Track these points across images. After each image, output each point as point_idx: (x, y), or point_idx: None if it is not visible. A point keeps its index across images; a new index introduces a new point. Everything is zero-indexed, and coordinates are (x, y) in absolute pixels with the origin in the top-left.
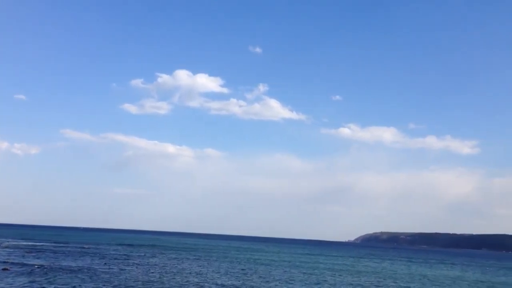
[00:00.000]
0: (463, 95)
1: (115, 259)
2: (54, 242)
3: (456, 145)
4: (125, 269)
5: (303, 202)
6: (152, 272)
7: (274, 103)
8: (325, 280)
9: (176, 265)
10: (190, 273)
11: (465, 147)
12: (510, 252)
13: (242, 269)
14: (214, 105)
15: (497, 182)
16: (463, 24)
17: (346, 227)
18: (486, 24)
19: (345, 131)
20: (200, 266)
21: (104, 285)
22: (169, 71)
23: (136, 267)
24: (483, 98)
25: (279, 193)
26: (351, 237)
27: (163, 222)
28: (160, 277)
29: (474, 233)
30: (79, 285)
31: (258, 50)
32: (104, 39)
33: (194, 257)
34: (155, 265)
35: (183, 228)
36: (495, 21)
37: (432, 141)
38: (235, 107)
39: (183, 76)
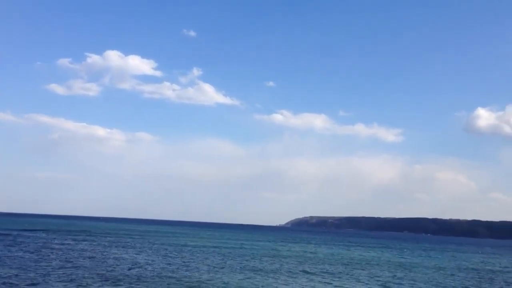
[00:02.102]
0: (389, 86)
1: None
2: None
3: (382, 133)
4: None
5: (236, 187)
6: (53, 258)
7: (208, 88)
8: (249, 265)
9: (84, 250)
10: (103, 259)
11: (390, 135)
12: (429, 234)
13: (164, 255)
14: (147, 88)
15: (418, 169)
16: (392, 18)
17: (277, 211)
18: (412, 20)
19: (277, 117)
20: (119, 251)
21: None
22: (99, 51)
23: (37, 254)
24: (407, 89)
25: (212, 178)
26: (282, 222)
27: (91, 207)
28: (61, 263)
29: (397, 216)
30: None
31: (192, 33)
32: (28, 15)
33: (110, 242)
34: (67, 250)
35: (113, 213)
36: (421, 17)
37: (360, 129)
38: (169, 90)
39: (114, 57)
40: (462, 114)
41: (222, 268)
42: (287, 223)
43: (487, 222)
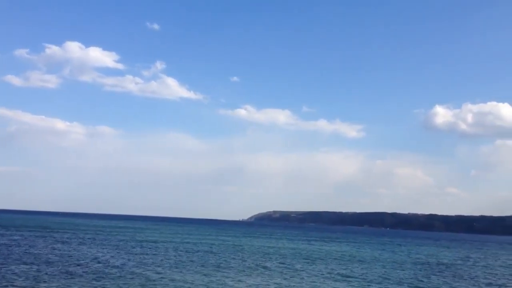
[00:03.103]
0: (351, 82)
1: None
2: None
3: (344, 129)
4: None
5: (199, 181)
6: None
7: (171, 82)
8: (208, 261)
9: (41, 246)
10: (60, 255)
11: (352, 131)
12: (388, 228)
13: (124, 250)
14: (109, 81)
15: (379, 164)
16: (355, 15)
17: (240, 206)
18: (374, 17)
19: (241, 112)
20: (77, 247)
21: None
22: (59, 42)
23: None
24: (368, 86)
25: (176, 173)
26: (245, 216)
27: (50, 202)
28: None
29: (358, 211)
30: None
31: (155, 26)
32: None
33: (69, 238)
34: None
35: (74, 208)
36: (384, 14)
37: (323, 124)
38: (131, 84)
39: (74, 48)
40: (421, 111)
41: (181, 264)
42: (251, 218)
43: (443, 216)
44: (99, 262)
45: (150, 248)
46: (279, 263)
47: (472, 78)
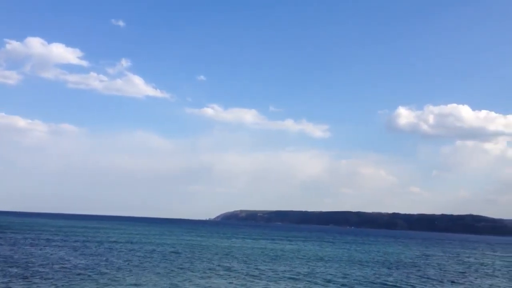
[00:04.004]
0: (317, 83)
1: None
2: None
3: (310, 129)
4: None
5: (165, 181)
6: None
7: (137, 80)
8: (169, 263)
9: None
10: (14, 255)
11: (318, 131)
12: (352, 227)
13: (82, 251)
14: (72, 78)
15: (344, 164)
16: (322, 14)
17: (207, 205)
18: (341, 17)
19: (208, 111)
20: (33, 248)
21: None
22: (20, 37)
23: None
24: (334, 87)
25: (141, 172)
26: (212, 216)
27: (10, 202)
28: None
29: (323, 210)
30: None
31: (121, 23)
32: None
33: (26, 239)
34: None
35: (34, 208)
36: (350, 15)
37: (289, 124)
38: (95, 81)
39: (36, 44)
40: (385, 112)
41: (141, 266)
42: (217, 217)
43: (406, 215)
44: (47, 264)
45: (109, 249)
46: (243, 263)
47: (434, 80)
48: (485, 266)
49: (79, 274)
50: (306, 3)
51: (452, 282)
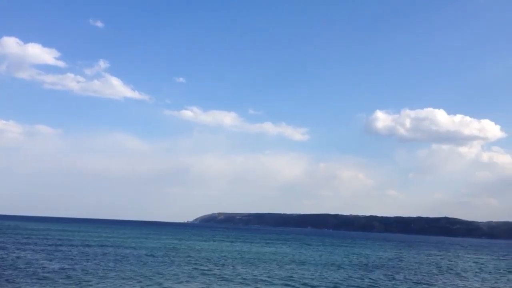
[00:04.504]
0: (296, 86)
1: None
2: None
3: (289, 132)
4: None
5: (143, 183)
6: None
7: (115, 81)
8: (141, 269)
9: None
10: None
11: (297, 134)
12: (330, 230)
13: (53, 255)
14: (48, 78)
15: (322, 166)
16: (300, 18)
17: (185, 208)
18: (317, 21)
19: (187, 113)
20: (3, 251)
21: None
22: None
23: None
24: (313, 90)
25: (119, 174)
26: (190, 218)
27: None
28: None
29: (302, 212)
30: None
31: (99, 24)
32: None
33: None
34: None
35: (8, 211)
36: (332, 20)
37: (268, 127)
38: (72, 82)
39: (11, 44)
40: (362, 115)
41: (114, 270)
42: (196, 220)
43: (382, 217)
44: (14, 268)
45: (82, 253)
46: (219, 266)
47: (411, 84)
48: (458, 267)
49: (45, 278)
50: (285, 5)
51: (425, 283)
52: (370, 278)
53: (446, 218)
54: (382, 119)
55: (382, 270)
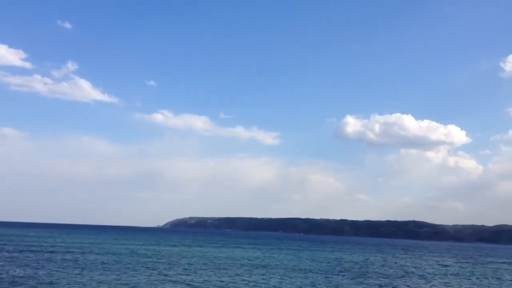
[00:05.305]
0: (268, 90)
1: None
2: None
3: (261, 136)
4: None
5: (113, 187)
6: None
7: (84, 84)
8: (106, 277)
9: None
10: None
11: (268, 138)
12: (301, 234)
13: (14, 262)
14: (14, 80)
15: (293, 171)
16: (270, 24)
17: (156, 212)
18: (290, 27)
19: (158, 117)
20: None
21: None
22: None
23: None
24: (285, 95)
25: (87, 178)
26: (161, 223)
27: None
28: None
29: (273, 217)
30: None
31: (67, 25)
32: None
33: None
34: None
35: None
36: (302, 24)
37: (240, 131)
38: (39, 84)
39: None
40: (333, 120)
41: (71, 277)
42: (166, 224)
43: (352, 221)
44: None
45: (44, 259)
46: (185, 272)
47: (380, 90)
48: (423, 270)
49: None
50: (256, 10)
51: (391, 286)
52: (336, 282)
53: (414, 222)
54: (352, 124)
55: (349, 274)
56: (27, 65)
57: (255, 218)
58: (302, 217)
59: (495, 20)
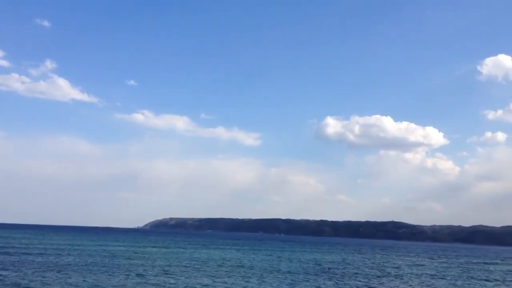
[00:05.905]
0: (249, 91)
1: None
2: None
3: (241, 137)
4: None
5: (92, 188)
6: None
7: (62, 83)
8: (83, 280)
9: None
10: None
11: (249, 139)
12: (282, 234)
13: None
14: None
15: (274, 172)
16: (253, 26)
17: (136, 213)
18: (271, 28)
19: (138, 117)
20: None
21: None
22: None
23: None
24: (266, 95)
25: (66, 178)
26: (141, 223)
27: None
28: None
29: (253, 217)
30: None
31: (46, 23)
32: None
33: None
34: None
35: None
36: (283, 26)
37: (221, 132)
38: (17, 83)
39: None
40: (314, 121)
41: (46, 279)
42: (146, 225)
43: (332, 222)
44: None
45: (19, 261)
46: (162, 273)
47: (360, 91)
48: (400, 270)
49: None
50: (237, 10)
51: (368, 286)
52: (315, 281)
53: (392, 222)
54: (332, 125)
55: (327, 274)
56: (5, 63)
57: (236, 219)
58: (283, 217)
59: (474, 23)
